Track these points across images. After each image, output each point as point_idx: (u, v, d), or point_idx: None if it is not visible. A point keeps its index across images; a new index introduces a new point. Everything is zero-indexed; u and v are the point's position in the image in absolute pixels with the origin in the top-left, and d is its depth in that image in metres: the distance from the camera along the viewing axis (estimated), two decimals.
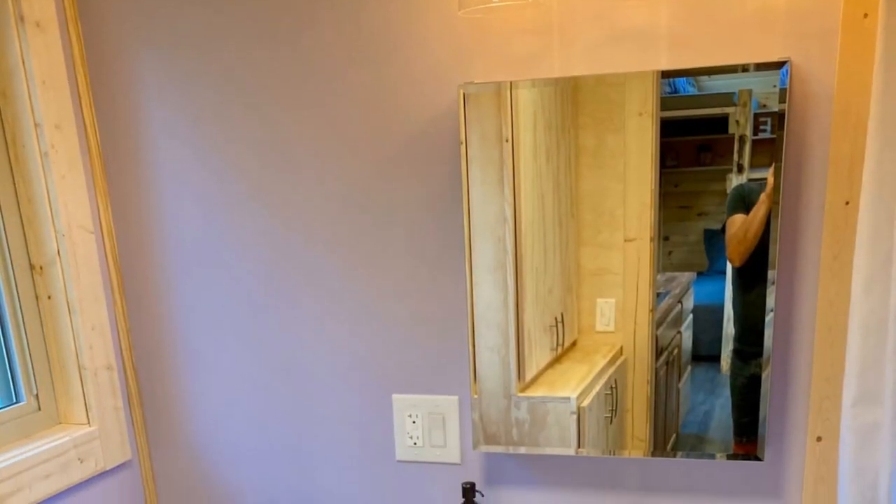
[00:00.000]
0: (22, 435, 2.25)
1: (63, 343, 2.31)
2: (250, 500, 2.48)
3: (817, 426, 2.00)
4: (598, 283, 2.04)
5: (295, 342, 2.34)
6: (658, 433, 2.08)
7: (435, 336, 2.23)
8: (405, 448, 2.30)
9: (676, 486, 2.15)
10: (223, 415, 2.45)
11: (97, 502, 2.39)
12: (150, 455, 2.53)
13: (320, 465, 2.39)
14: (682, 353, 2.05)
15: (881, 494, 1.85)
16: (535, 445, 2.14)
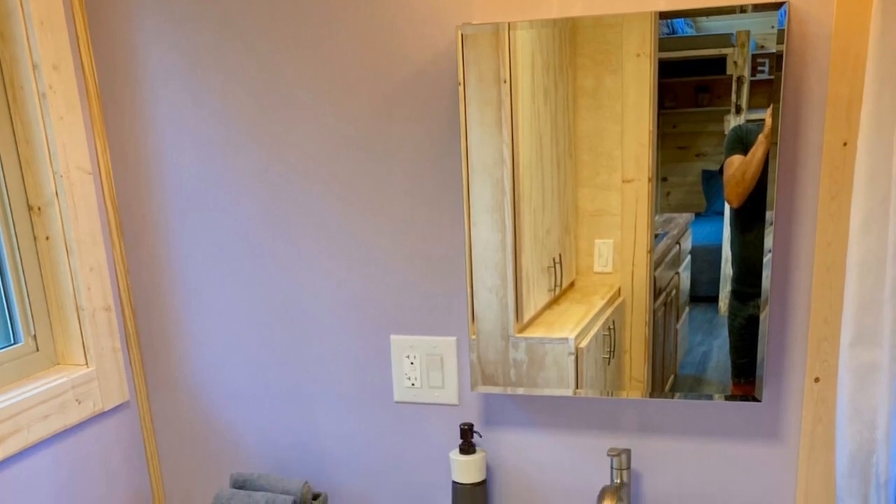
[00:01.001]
0: (20, 376, 2.32)
1: (61, 284, 2.38)
2: (248, 441, 2.56)
3: (815, 367, 2.06)
4: (597, 223, 2.10)
5: (293, 283, 2.41)
6: (656, 374, 2.15)
7: (433, 277, 2.30)
8: (403, 389, 2.38)
9: (674, 427, 2.23)
10: (221, 356, 2.53)
11: (95, 443, 2.46)
12: (148, 396, 2.61)
13: (318, 406, 2.48)
14: (680, 294, 2.11)
15: (879, 434, 1.91)
16: (533, 386, 2.21)
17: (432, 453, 2.41)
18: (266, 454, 2.56)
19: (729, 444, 2.20)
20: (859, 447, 1.93)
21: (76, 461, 2.39)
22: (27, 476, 2.24)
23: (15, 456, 2.19)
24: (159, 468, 2.67)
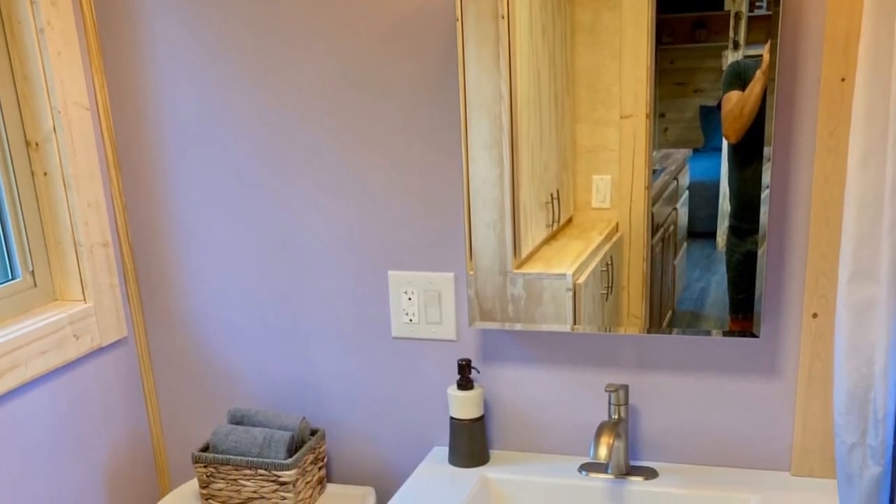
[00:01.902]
0: (18, 311, 2.39)
1: (59, 220, 2.45)
2: (246, 377, 2.65)
3: (813, 303, 2.13)
4: (594, 159, 2.16)
5: (290, 219, 2.48)
6: (654, 310, 2.22)
7: (431, 212, 2.36)
8: (401, 325, 2.46)
9: (672, 363, 2.30)
10: (218, 292, 2.60)
11: (93, 379, 2.55)
12: (145, 332, 2.69)
13: (315, 342, 2.55)
14: (677, 229, 2.17)
15: (877, 370, 1.98)
16: (530, 322, 2.29)
17: (430, 389, 2.49)
18: (264, 390, 2.64)
19: (727, 379, 2.27)
20: (857, 383, 2.00)
21: (74, 397, 2.47)
22: (25, 411, 2.32)
23: (13, 391, 2.27)
24: (157, 404, 2.75)
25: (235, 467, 2.44)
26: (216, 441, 2.49)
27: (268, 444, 2.43)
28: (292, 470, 2.40)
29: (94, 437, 2.57)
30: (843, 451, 2.06)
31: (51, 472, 2.42)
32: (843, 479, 2.09)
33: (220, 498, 2.49)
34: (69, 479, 2.49)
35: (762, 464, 2.31)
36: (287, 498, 2.41)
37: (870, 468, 2.04)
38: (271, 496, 2.42)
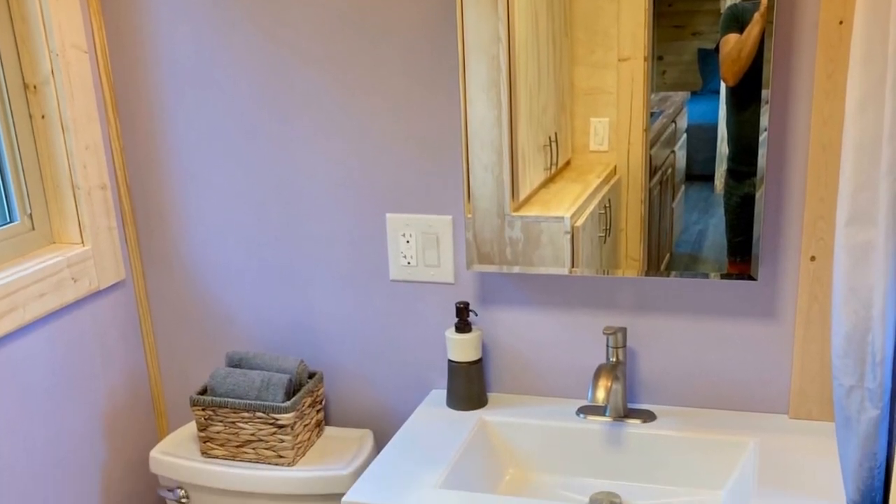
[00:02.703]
0: (16, 254, 2.44)
1: (57, 162, 2.49)
2: (243, 320, 2.71)
3: (811, 246, 2.18)
4: (592, 102, 2.21)
5: (288, 162, 2.52)
6: (652, 253, 2.27)
7: (429, 155, 2.41)
8: (399, 268, 2.52)
9: (670, 306, 2.36)
10: (216, 235, 2.65)
11: (91, 322, 2.60)
12: (143, 275, 2.75)
13: (314, 285, 2.61)
14: (675, 172, 2.23)
15: (875, 313, 2.00)
16: (528, 265, 2.35)
17: (428, 332, 2.55)
18: (262, 333, 2.71)
19: (725, 322, 2.33)
20: (855, 326, 2.02)
21: (72, 339, 2.53)
22: (23, 354, 2.38)
23: (11, 334, 2.32)
24: (155, 346, 2.82)
25: (233, 410, 2.50)
26: (214, 384, 2.55)
27: (266, 386, 2.49)
28: (290, 413, 2.46)
29: (92, 379, 2.63)
30: (842, 393, 2.09)
31: (49, 415, 2.48)
32: (842, 422, 2.12)
33: (218, 441, 2.55)
34: (67, 422, 2.54)
35: (760, 406, 2.37)
36: (285, 441, 2.47)
37: (868, 411, 2.07)
38: (269, 439, 2.49)
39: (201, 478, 2.57)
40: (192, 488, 2.60)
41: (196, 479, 2.58)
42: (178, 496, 2.61)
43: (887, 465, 2.11)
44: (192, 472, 2.58)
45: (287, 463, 2.51)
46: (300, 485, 2.49)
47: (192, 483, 2.59)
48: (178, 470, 2.60)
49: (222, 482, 2.54)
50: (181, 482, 2.61)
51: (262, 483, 2.50)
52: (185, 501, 2.62)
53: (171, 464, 2.61)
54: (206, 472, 2.56)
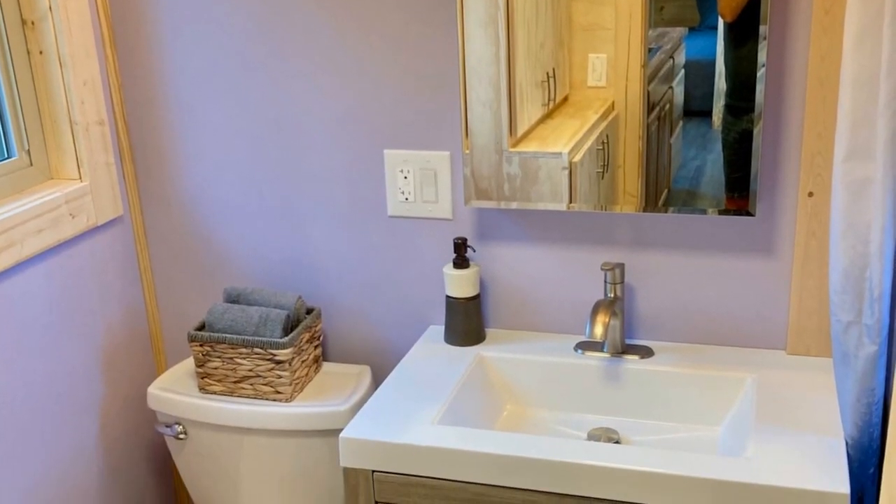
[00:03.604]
0: (14, 190, 2.49)
1: (54, 98, 2.54)
2: (241, 256, 2.78)
3: (809, 181, 2.23)
4: (590, 38, 2.26)
5: (286, 98, 2.57)
6: (650, 188, 2.32)
7: (427, 91, 2.46)
8: (397, 204, 2.58)
9: (668, 242, 2.42)
10: (214, 171, 2.71)
11: (88, 258, 2.65)
12: (141, 211, 2.80)
13: (311, 221, 2.68)
14: (673, 108, 2.27)
15: (873, 249, 2.06)
16: (526, 201, 2.40)
17: (426, 268, 2.62)
18: (259, 269, 2.76)
19: (723, 258, 2.39)
20: (853, 262, 2.09)
21: (70, 275, 2.59)
22: (21, 290, 2.43)
23: (9, 270, 2.37)
24: (153, 282, 2.88)
25: (231, 346, 2.55)
26: (212, 320, 2.60)
27: (263, 322, 2.54)
28: (288, 349, 2.51)
29: (90, 315, 2.68)
30: (839, 329, 2.16)
31: (47, 351, 2.53)
32: (839, 358, 2.19)
33: (216, 376, 2.60)
34: (65, 358, 2.60)
35: (758, 342, 2.44)
36: (283, 376, 2.53)
37: (865, 347, 2.14)
38: (267, 375, 2.55)
39: (199, 413, 2.62)
40: (190, 424, 2.66)
41: (194, 414, 2.63)
42: (175, 432, 2.67)
43: (885, 401, 2.16)
44: (190, 408, 2.63)
45: (285, 399, 2.56)
46: (298, 420, 2.54)
47: (190, 419, 2.64)
48: (176, 406, 2.65)
49: (220, 418, 2.60)
50: (179, 418, 2.67)
51: (260, 419, 2.56)
52: (182, 437, 2.67)
53: (168, 400, 2.66)
54: (204, 407, 2.61)
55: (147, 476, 3.00)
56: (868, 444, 2.19)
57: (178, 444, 2.72)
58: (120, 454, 2.87)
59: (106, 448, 2.80)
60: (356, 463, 2.17)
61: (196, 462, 2.73)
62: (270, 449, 2.60)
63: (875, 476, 2.22)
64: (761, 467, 1.96)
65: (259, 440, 2.60)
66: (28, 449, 2.50)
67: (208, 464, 2.70)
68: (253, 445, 2.61)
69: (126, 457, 2.90)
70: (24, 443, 2.49)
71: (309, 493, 2.65)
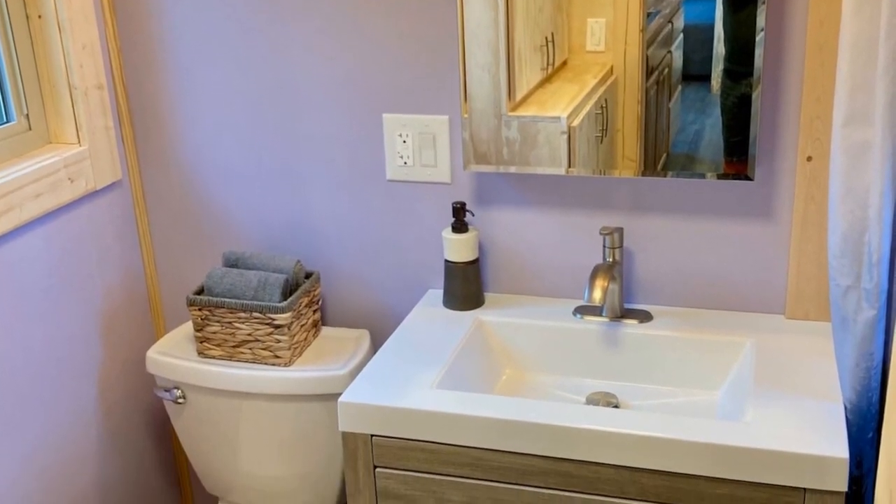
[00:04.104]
0: (12, 155, 2.51)
1: (53, 62, 2.56)
2: (240, 220, 2.81)
3: (807, 146, 2.26)
4: (589, 2, 2.29)
5: (285, 62, 2.59)
6: (648, 153, 2.35)
7: (426, 55, 2.48)
8: (395, 168, 2.61)
9: (667, 206, 2.44)
10: (213, 135, 2.73)
11: (87, 222, 2.68)
12: (140, 175, 2.82)
13: (310, 185, 2.70)
14: (672, 72, 2.30)
15: (871, 213, 2.07)
16: (525, 165, 2.43)
17: (425, 232, 2.65)
18: (258, 233, 2.79)
19: (721, 222, 2.42)
20: (851, 226, 2.10)
21: (68, 239, 2.61)
22: (19, 255, 2.45)
23: (7, 234, 2.39)
24: (152, 247, 2.90)
25: (230, 310, 2.58)
26: (211, 284, 2.62)
27: (262, 286, 2.56)
28: (287, 313, 2.54)
29: (89, 279, 2.71)
30: (838, 294, 2.17)
31: (45, 315, 2.56)
32: (838, 323, 2.20)
33: (215, 341, 2.63)
34: (64, 322, 2.63)
35: (757, 307, 2.47)
36: (282, 341, 2.56)
37: (864, 311, 2.15)
38: (266, 339, 2.58)
39: (198, 378, 2.65)
40: (189, 388, 2.69)
41: (192, 379, 2.66)
42: (174, 396, 2.70)
43: (884, 366, 2.18)
44: (189, 372, 2.66)
45: (283, 363, 2.60)
46: (296, 385, 2.58)
47: (189, 383, 2.67)
48: (175, 370, 2.68)
49: (219, 382, 2.63)
50: (178, 382, 2.70)
51: (259, 383, 2.59)
52: (181, 401, 2.70)
53: (167, 364, 2.69)
54: (203, 372, 2.64)
55: (146, 440, 3.03)
56: (867, 409, 2.21)
57: (176, 409, 2.75)
58: (119, 418, 2.90)
59: (105, 412, 2.83)
60: (355, 427, 2.20)
61: (195, 426, 2.76)
62: (269, 413, 2.63)
63: (874, 440, 2.24)
64: (760, 432, 1.99)
65: (258, 404, 2.63)
66: (27, 413, 2.53)
67: (207, 428, 2.73)
68: (252, 410, 2.64)
69: (125, 421, 2.93)
70: (22, 407, 2.52)
71: (308, 458, 2.69)
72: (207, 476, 2.87)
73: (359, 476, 2.24)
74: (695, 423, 2.04)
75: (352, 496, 2.26)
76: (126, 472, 2.94)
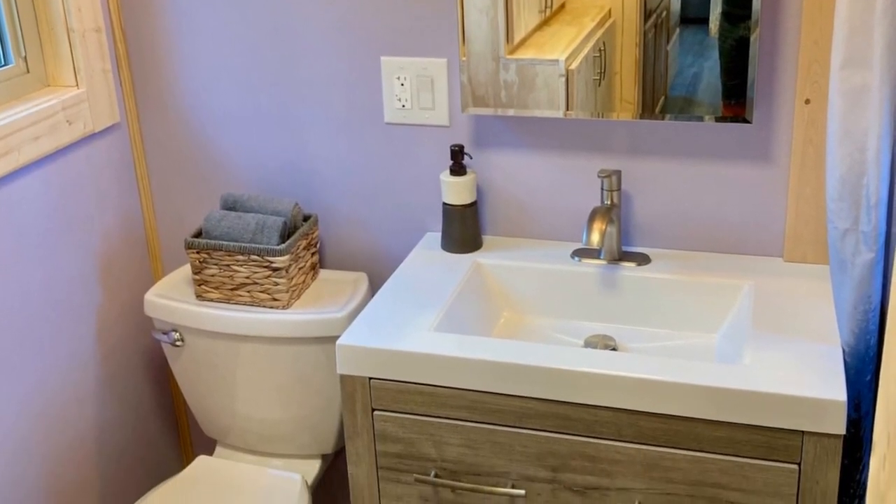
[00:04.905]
0: (10, 97, 2.53)
1: (51, 5, 2.56)
2: (238, 163, 2.84)
3: (806, 89, 2.28)
4: None
5: (283, 4, 2.61)
6: (646, 96, 2.38)
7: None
8: (393, 111, 2.63)
9: (665, 149, 2.47)
10: (211, 78, 2.75)
11: (85, 164, 2.70)
12: (138, 118, 2.85)
13: (308, 128, 2.73)
14: (670, 15, 2.31)
15: (869, 156, 2.09)
16: (523, 108, 2.45)
17: (423, 175, 2.67)
18: (256, 176, 2.82)
19: (720, 165, 2.45)
20: (850, 169, 2.11)
21: (67, 182, 2.64)
22: (18, 197, 2.48)
23: (5, 177, 2.42)
24: (150, 189, 2.93)
25: (228, 253, 2.61)
26: (209, 227, 2.65)
27: (260, 229, 2.59)
28: (285, 256, 2.57)
29: (87, 222, 2.74)
30: (836, 237, 2.19)
31: (44, 258, 2.60)
32: (836, 265, 2.23)
33: (213, 283, 2.67)
34: (62, 265, 2.66)
35: (755, 250, 2.51)
36: (280, 283, 2.60)
37: (862, 254, 2.17)
38: (264, 282, 2.61)
39: (196, 321, 2.69)
40: (187, 331, 2.73)
41: (190, 321, 2.70)
42: (172, 339, 2.74)
43: (882, 308, 2.21)
44: (187, 315, 2.70)
45: (281, 306, 2.63)
46: (295, 328, 2.61)
47: (187, 326, 2.71)
48: (173, 313, 2.72)
49: (217, 325, 2.66)
50: (176, 325, 2.74)
51: (257, 326, 2.63)
52: (179, 344, 2.75)
53: (165, 306, 2.73)
54: (201, 314, 2.68)
55: (144, 383, 3.08)
56: (865, 352, 2.23)
57: (174, 351, 2.80)
58: (117, 361, 2.94)
59: (103, 355, 2.87)
60: (353, 370, 2.23)
61: (193, 369, 2.80)
62: (267, 356, 2.67)
63: (872, 383, 2.26)
64: (758, 374, 2.03)
65: (256, 347, 2.66)
66: (25, 356, 2.57)
67: (205, 371, 2.77)
68: (250, 352, 2.68)
69: (123, 364, 2.97)
70: (20, 350, 2.56)
71: (305, 400, 2.73)
72: (205, 419, 2.91)
73: (357, 419, 2.27)
74: (693, 366, 2.07)
75: (350, 439, 2.29)
76: (124, 415, 2.98)
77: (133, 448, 3.03)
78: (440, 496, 2.27)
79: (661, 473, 2.09)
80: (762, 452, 2.01)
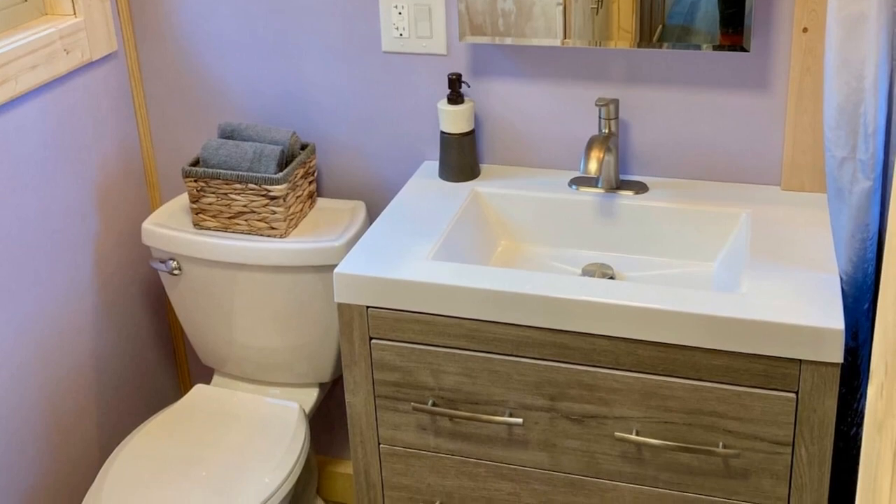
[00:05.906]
0: (7, 26, 2.54)
1: None
2: (236, 92, 2.86)
3: (803, 17, 2.30)
4: None
5: None
6: (644, 24, 2.39)
7: None
8: (391, 39, 2.65)
9: (662, 78, 2.50)
10: (208, 6, 2.76)
11: (83, 93, 2.73)
12: (135, 46, 2.87)
13: (306, 56, 2.75)
14: None
15: (867, 85, 2.10)
16: (521, 36, 2.47)
17: (420, 104, 2.70)
18: (254, 105, 2.85)
19: (717, 94, 2.47)
20: (847, 97, 2.12)
21: (64, 111, 2.67)
22: (15, 126, 2.51)
23: (3, 106, 2.45)
24: (147, 118, 2.96)
25: (226, 181, 2.64)
26: (206, 155, 2.68)
27: (258, 158, 2.62)
28: (283, 184, 2.60)
29: (85, 151, 2.77)
30: (834, 165, 2.20)
31: (41, 187, 2.63)
32: (834, 194, 2.24)
33: (211, 212, 2.70)
34: (59, 194, 2.70)
35: (752, 178, 2.54)
36: (277, 212, 2.63)
37: (860, 182, 2.18)
38: (261, 210, 2.64)
39: (193, 249, 2.72)
40: (184, 260, 2.76)
41: (188, 250, 2.73)
42: (170, 267, 2.78)
43: (879, 237, 2.24)
44: (184, 244, 2.73)
45: (279, 234, 2.67)
46: (292, 256, 2.65)
47: (184, 254, 2.75)
48: (171, 241, 2.75)
49: (214, 253, 2.70)
50: (173, 253, 2.77)
51: (254, 254, 2.66)
52: (177, 273, 2.78)
53: (162, 235, 2.76)
54: (198, 243, 2.71)
55: (141, 311, 3.12)
56: (862, 280, 2.26)
57: (172, 280, 2.83)
58: (114, 290, 2.98)
59: (100, 284, 2.91)
60: (350, 298, 2.27)
61: (190, 298, 2.84)
62: (264, 284, 2.71)
63: (869, 312, 2.29)
64: (756, 303, 2.06)
65: (253, 276, 2.70)
66: (22, 286, 2.61)
67: (202, 300, 2.81)
68: (247, 281, 2.72)
69: (120, 292, 3.01)
70: (18, 279, 2.59)
71: (303, 329, 2.77)
72: (203, 348, 2.96)
73: (354, 347, 2.31)
74: (691, 295, 2.11)
75: (347, 367, 2.33)
76: (121, 344, 3.03)
77: (131, 377, 3.08)
78: (438, 424, 2.31)
79: (659, 402, 2.13)
80: (760, 381, 2.05)
